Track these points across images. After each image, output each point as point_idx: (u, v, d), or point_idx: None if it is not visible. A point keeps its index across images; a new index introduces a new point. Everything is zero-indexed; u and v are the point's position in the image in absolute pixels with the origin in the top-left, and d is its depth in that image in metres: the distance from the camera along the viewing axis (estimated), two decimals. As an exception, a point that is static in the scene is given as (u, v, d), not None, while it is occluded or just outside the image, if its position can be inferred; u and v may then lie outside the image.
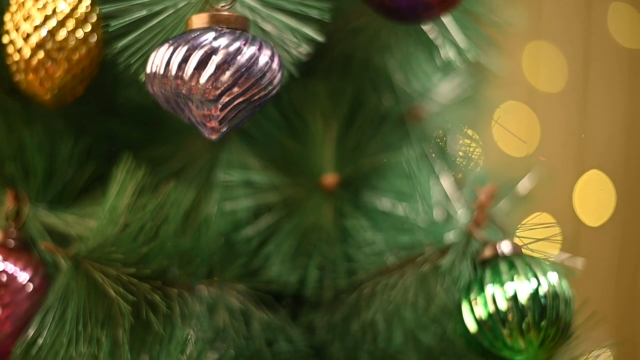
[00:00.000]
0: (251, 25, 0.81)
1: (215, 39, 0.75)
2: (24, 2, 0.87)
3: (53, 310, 0.85)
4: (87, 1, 0.88)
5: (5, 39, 0.89)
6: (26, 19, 0.86)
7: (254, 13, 0.83)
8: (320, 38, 0.86)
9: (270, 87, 0.77)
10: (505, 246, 0.90)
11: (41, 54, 0.87)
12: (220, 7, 0.78)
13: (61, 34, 0.87)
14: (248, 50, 0.75)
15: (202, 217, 0.92)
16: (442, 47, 0.98)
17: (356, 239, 0.97)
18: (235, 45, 0.75)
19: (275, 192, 0.98)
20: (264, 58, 0.76)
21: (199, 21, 0.77)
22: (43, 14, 0.86)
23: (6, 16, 0.89)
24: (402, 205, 0.98)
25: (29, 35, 0.87)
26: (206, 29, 0.76)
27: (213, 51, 0.75)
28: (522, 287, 0.86)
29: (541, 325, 0.85)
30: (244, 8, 0.83)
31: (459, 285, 0.90)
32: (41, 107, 0.91)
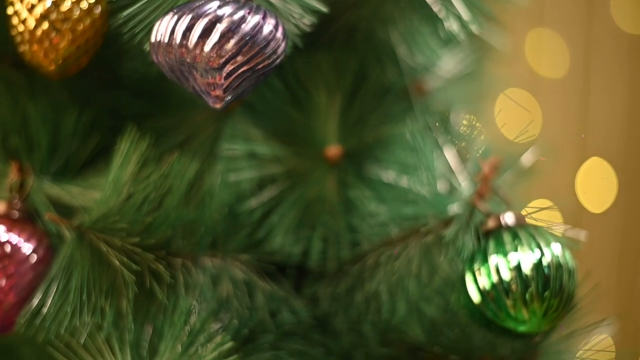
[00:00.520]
0: (255, -6, 0.81)
1: (219, 7, 0.75)
2: (28, -27, 0.88)
3: (57, 280, 0.85)
4: (92, -28, 0.89)
5: (9, 10, 0.89)
6: (31, -10, 0.87)
7: (257, -17, 0.84)
8: (324, 9, 0.85)
9: (274, 56, 0.77)
10: (508, 217, 0.89)
11: (45, 25, 0.87)
12: (224, -24, 0.78)
13: (65, 5, 0.87)
14: (252, 18, 0.76)
15: (206, 188, 0.91)
16: (446, 20, 0.98)
17: (360, 210, 0.97)
18: (240, 13, 0.75)
19: (279, 164, 0.98)
20: (268, 27, 0.76)
21: (203, -11, 0.77)
22: (48, -16, 0.87)
23: (11, -13, 0.89)
24: (406, 177, 0.98)
25: (33, 6, 0.87)
26: (210, -3, 0.76)
27: (217, 19, 0.75)
28: (526, 258, 0.85)
29: (544, 295, 0.84)
30: (247, -23, 0.83)
31: (463, 256, 0.89)
32: (45, 80, 0.91)
